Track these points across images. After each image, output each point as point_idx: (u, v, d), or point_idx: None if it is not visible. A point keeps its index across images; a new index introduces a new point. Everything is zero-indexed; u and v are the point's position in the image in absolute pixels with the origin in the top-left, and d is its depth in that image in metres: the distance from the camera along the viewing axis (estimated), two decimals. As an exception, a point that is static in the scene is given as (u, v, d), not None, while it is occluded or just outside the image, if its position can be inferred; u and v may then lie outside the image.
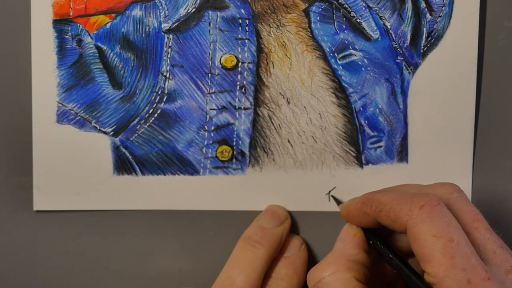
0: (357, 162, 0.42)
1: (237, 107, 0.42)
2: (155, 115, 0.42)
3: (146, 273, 0.43)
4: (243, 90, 0.42)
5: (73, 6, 0.41)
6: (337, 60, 0.42)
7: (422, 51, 0.42)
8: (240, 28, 0.42)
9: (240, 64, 0.42)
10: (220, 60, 0.42)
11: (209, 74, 0.42)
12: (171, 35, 0.41)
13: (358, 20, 0.42)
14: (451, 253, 0.29)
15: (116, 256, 0.43)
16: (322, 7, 0.42)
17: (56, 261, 0.43)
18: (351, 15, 0.42)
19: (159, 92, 0.42)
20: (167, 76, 0.42)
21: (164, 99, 0.42)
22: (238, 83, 0.42)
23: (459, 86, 0.41)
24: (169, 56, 0.41)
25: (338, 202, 0.42)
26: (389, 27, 0.42)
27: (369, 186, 0.41)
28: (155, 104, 0.42)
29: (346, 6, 0.41)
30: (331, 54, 0.42)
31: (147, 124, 0.42)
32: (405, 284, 0.33)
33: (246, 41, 0.42)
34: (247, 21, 0.42)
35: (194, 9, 0.41)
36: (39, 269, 0.43)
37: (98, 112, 0.42)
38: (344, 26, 0.42)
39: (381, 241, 0.35)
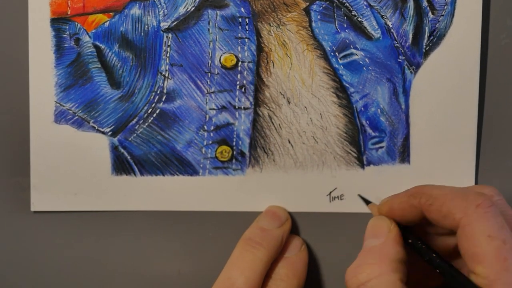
0: (358, 163, 0.42)
1: (237, 107, 0.42)
2: (154, 115, 0.42)
3: (145, 274, 0.43)
4: (243, 89, 0.42)
5: (71, 4, 0.41)
6: (338, 59, 0.41)
7: (424, 50, 0.41)
8: (240, 27, 0.41)
9: (240, 63, 0.41)
10: (220, 60, 0.41)
11: (209, 74, 0.41)
12: (170, 34, 0.41)
13: (359, 19, 0.41)
14: (504, 255, 0.29)
15: (114, 258, 0.43)
16: (323, 5, 0.41)
17: (54, 262, 0.43)
18: (352, 14, 0.41)
19: (158, 92, 0.41)
20: (166, 75, 0.41)
21: (163, 99, 0.41)
22: (238, 82, 0.41)
23: (461, 85, 0.41)
24: (168, 55, 0.41)
25: (367, 202, 0.41)
26: (390, 26, 0.41)
27: (370, 187, 0.41)
28: (154, 104, 0.41)
29: (347, 4, 0.41)
30: (332, 54, 0.41)
31: (146, 124, 0.42)
32: (450, 285, 0.31)
33: (246, 40, 0.41)
34: (247, 20, 0.41)
35: (193, 8, 0.41)
36: (37, 270, 0.43)
37: (96, 112, 0.41)
38: (345, 25, 0.41)
39: (421, 240, 0.34)
